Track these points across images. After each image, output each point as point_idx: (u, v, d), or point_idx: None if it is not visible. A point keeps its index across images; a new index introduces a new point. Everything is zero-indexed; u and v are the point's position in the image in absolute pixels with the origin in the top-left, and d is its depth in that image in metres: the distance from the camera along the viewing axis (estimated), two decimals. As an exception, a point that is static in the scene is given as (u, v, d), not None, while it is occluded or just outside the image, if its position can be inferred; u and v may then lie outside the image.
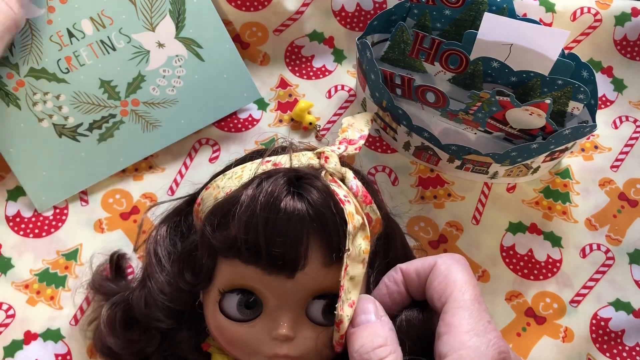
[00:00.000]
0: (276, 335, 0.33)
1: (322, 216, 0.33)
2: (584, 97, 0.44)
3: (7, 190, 0.45)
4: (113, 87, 0.41)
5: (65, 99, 0.40)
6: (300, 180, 0.34)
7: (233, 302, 0.34)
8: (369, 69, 0.44)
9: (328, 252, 0.33)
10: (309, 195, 0.33)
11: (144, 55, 0.41)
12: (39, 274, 0.43)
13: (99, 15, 0.38)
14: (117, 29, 0.39)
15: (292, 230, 0.32)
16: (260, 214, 0.32)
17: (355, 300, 0.33)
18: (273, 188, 0.33)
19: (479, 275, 0.45)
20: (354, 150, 0.39)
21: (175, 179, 0.47)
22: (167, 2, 0.40)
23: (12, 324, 0.41)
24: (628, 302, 0.45)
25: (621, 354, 0.43)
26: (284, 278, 0.33)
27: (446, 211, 0.47)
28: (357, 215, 0.33)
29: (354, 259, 0.33)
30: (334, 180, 0.35)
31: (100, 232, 0.44)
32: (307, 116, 0.49)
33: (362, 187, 0.36)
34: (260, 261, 0.33)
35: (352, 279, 0.33)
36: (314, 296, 0.34)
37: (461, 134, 0.48)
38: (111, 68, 0.40)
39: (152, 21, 0.40)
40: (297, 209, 0.32)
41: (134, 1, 0.38)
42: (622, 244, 0.47)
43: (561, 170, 0.49)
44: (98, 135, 0.42)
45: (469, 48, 0.45)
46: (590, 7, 0.52)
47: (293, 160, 0.36)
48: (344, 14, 0.52)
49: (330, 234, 0.33)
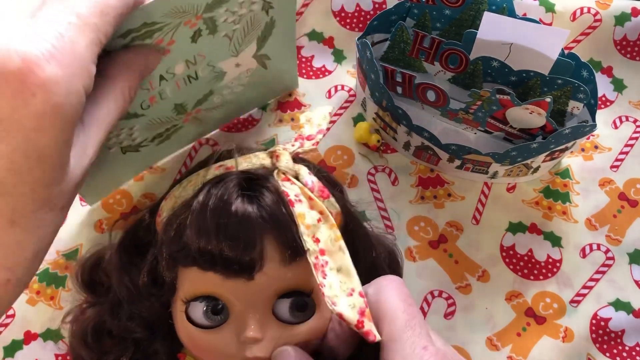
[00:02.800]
0: (244, 338, 0.33)
1: (274, 216, 0.33)
2: (583, 97, 0.44)
3: (7, 190, 0.45)
4: (184, 106, 0.41)
5: (139, 127, 0.39)
6: (251, 182, 0.34)
7: (199, 310, 0.33)
8: (369, 69, 0.44)
9: (284, 251, 0.33)
10: (260, 197, 0.33)
11: (221, 76, 0.40)
12: (39, 274, 0.43)
13: (195, 57, 0.37)
14: (206, 63, 0.38)
15: (244, 233, 0.32)
16: (211, 219, 0.32)
17: (356, 287, 0.32)
18: (223, 192, 0.33)
19: (479, 275, 0.45)
20: (311, 145, 0.38)
21: (175, 179, 0.47)
22: (259, 31, 0.39)
23: (12, 324, 0.41)
24: (628, 302, 0.45)
25: (621, 354, 0.43)
26: (244, 281, 0.33)
27: (446, 211, 0.47)
28: (313, 211, 0.33)
29: (330, 250, 0.33)
30: (287, 179, 0.35)
31: (100, 232, 0.44)
32: (372, 136, 0.48)
33: (317, 182, 0.36)
34: (217, 267, 0.33)
35: (340, 269, 0.32)
36: (278, 295, 0.33)
37: (461, 134, 0.48)
38: (188, 93, 0.40)
39: (239, 49, 0.39)
40: (247, 211, 0.32)
41: (230, 35, 0.37)
42: (622, 244, 0.47)
43: (561, 170, 0.49)
44: (157, 142, 0.43)
45: (469, 48, 0.45)
46: (590, 7, 0.52)
47: (245, 162, 0.36)
48: (344, 14, 0.52)
49: (285, 233, 0.33)
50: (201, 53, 0.37)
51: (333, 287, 0.32)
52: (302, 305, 0.34)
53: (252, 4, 0.36)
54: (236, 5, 0.35)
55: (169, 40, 0.33)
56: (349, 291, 0.32)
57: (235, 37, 0.38)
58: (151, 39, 0.32)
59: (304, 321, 0.34)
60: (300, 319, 0.34)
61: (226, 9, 0.34)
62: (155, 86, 0.36)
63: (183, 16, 0.32)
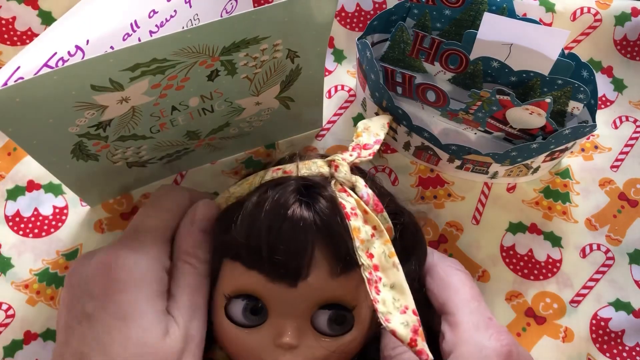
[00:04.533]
0: (280, 343, 0.33)
1: (329, 226, 0.33)
2: (584, 97, 0.44)
3: (6, 190, 0.45)
4: (197, 133, 0.40)
5: (147, 147, 0.39)
6: (309, 190, 0.34)
7: (239, 308, 0.34)
8: (369, 69, 0.44)
9: (335, 263, 0.33)
10: (317, 205, 0.33)
11: (238, 112, 0.40)
12: (38, 274, 0.43)
13: (211, 93, 0.36)
14: (223, 99, 0.37)
15: (297, 238, 0.32)
16: (265, 218, 0.32)
17: (410, 305, 0.32)
18: (280, 195, 0.33)
19: (479, 275, 0.45)
20: (368, 156, 0.38)
21: (175, 179, 0.47)
22: (284, 76, 0.38)
23: (12, 324, 0.41)
24: (628, 302, 0.45)
25: (621, 354, 0.43)
26: (286, 286, 0.33)
27: (446, 211, 0.47)
28: (366, 225, 0.33)
29: (383, 266, 0.32)
30: (344, 190, 0.34)
31: (100, 232, 0.44)
32: None
33: (373, 196, 0.35)
34: (262, 267, 0.33)
35: (394, 287, 0.32)
36: (320, 306, 0.33)
37: (461, 134, 0.48)
38: (202, 123, 0.39)
39: (260, 90, 0.38)
40: (303, 217, 0.32)
41: (251, 78, 0.36)
42: (622, 244, 0.47)
43: (561, 170, 0.49)
44: (166, 161, 0.43)
45: (469, 48, 0.45)
46: (590, 7, 0.52)
47: (303, 168, 0.36)
48: (344, 14, 0.52)
49: (338, 245, 0.33)
50: (218, 90, 0.36)
51: (386, 304, 0.31)
52: (341, 319, 0.34)
53: (276, 52, 0.35)
54: (257, 52, 0.34)
55: (183, 77, 0.33)
56: (402, 308, 0.32)
57: (256, 80, 0.37)
58: (163, 74, 0.32)
59: (340, 335, 0.34)
60: (337, 332, 0.34)
61: (246, 53, 0.33)
62: (166, 115, 0.36)
63: (198, 57, 0.32)
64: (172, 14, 0.36)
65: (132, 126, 0.35)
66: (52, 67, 0.31)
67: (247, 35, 0.32)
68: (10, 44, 0.47)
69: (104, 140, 0.36)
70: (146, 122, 0.36)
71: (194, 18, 0.38)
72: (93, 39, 0.33)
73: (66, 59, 0.32)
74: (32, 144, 0.33)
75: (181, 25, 0.37)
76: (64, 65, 0.31)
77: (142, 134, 0.37)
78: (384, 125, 0.41)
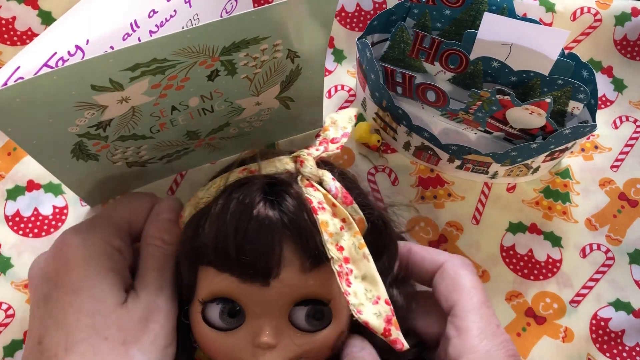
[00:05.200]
0: (258, 343, 0.33)
1: (296, 223, 0.32)
2: (584, 97, 0.44)
3: (6, 190, 0.45)
4: (197, 133, 0.40)
5: (147, 147, 0.39)
6: (274, 188, 0.34)
7: (215, 312, 0.34)
8: (369, 69, 0.44)
9: (305, 258, 0.33)
10: (283, 202, 0.33)
11: (238, 112, 0.40)
12: (38, 273, 0.43)
13: (211, 93, 0.36)
14: (223, 99, 0.37)
15: (264, 238, 0.32)
16: (230, 221, 0.32)
17: (382, 295, 0.32)
18: (245, 195, 0.33)
19: (479, 275, 0.45)
20: (336, 149, 0.38)
21: (175, 179, 0.47)
22: (284, 76, 0.38)
23: (11, 323, 0.41)
24: (628, 302, 0.45)
25: (621, 354, 0.43)
26: (259, 286, 0.33)
27: (446, 211, 0.47)
28: (335, 218, 0.33)
29: (354, 258, 0.33)
30: (311, 184, 0.34)
31: (100, 232, 0.44)
32: (372, 136, 0.48)
33: (341, 188, 0.35)
34: (232, 269, 0.33)
35: (365, 278, 0.32)
36: (296, 302, 0.33)
37: (461, 134, 0.48)
38: (202, 123, 0.39)
39: (260, 90, 0.38)
40: (268, 216, 0.32)
41: (250, 78, 0.36)
42: (622, 244, 0.47)
43: (561, 170, 0.49)
44: (166, 160, 0.43)
45: (469, 48, 0.45)
46: (590, 7, 0.52)
47: (268, 166, 0.36)
48: (344, 14, 0.52)
49: (306, 241, 0.32)
50: (218, 90, 0.36)
51: (358, 295, 0.32)
52: (319, 313, 0.34)
53: (276, 52, 0.35)
54: (257, 52, 0.34)
55: (183, 77, 0.33)
56: (374, 299, 0.32)
57: (256, 80, 0.37)
58: (163, 74, 0.32)
59: (320, 330, 0.34)
60: (317, 328, 0.34)
61: (246, 53, 0.33)
62: (166, 115, 0.36)
63: (197, 57, 0.32)
64: (172, 14, 0.36)
65: (132, 126, 0.35)
66: (52, 67, 0.31)
67: (247, 35, 0.32)
68: (10, 44, 0.47)
69: (104, 140, 0.36)
70: (146, 122, 0.36)
71: (194, 18, 0.38)
72: (93, 39, 0.33)
73: (66, 59, 0.32)
74: (32, 144, 0.33)
75: (181, 25, 0.37)
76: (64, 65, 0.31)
77: (142, 134, 0.37)
78: (351, 118, 0.40)
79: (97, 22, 0.33)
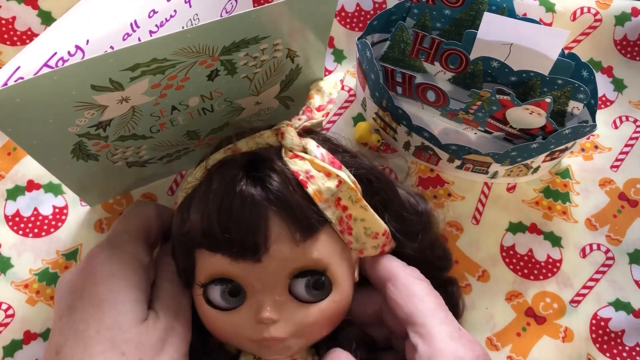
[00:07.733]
0: (259, 318, 0.33)
1: (281, 197, 0.32)
2: (584, 97, 0.44)
3: (6, 190, 0.45)
4: (197, 133, 0.40)
5: (147, 147, 0.39)
6: (256, 164, 0.34)
7: (216, 292, 0.34)
8: (369, 69, 0.44)
9: (294, 231, 0.33)
10: (266, 178, 0.33)
11: (238, 112, 0.40)
12: (38, 273, 0.43)
13: (211, 93, 0.36)
14: (223, 99, 0.37)
15: (248, 215, 0.32)
16: (213, 200, 0.33)
17: (380, 230, 0.35)
18: (226, 174, 0.33)
19: (479, 275, 0.45)
20: (321, 116, 0.38)
21: (175, 179, 0.47)
22: (283, 75, 0.38)
23: (11, 323, 0.41)
24: (628, 302, 0.45)
25: (621, 354, 0.43)
26: (251, 263, 0.33)
27: (446, 211, 0.47)
28: (330, 179, 0.34)
29: (352, 207, 0.34)
30: (296, 155, 0.34)
31: (100, 232, 0.44)
32: (372, 136, 0.48)
33: (327, 154, 0.35)
34: (222, 249, 0.33)
35: (364, 219, 0.35)
36: (293, 275, 0.33)
37: (461, 134, 0.48)
38: (202, 123, 0.39)
39: (260, 89, 0.38)
40: (250, 193, 0.32)
41: (250, 77, 0.36)
42: (622, 244, 0.47)
43: (561, 170, 0.49)
44: (166, 160, 0.43)
45: (469, 48, 0.45)
46: (590, 7, 0.52)
47: (250, 143, 0.36)
48: (344, 14, 0.52)
49: (293, 213, 0.33)
50: (218, 90, 0.36)
51: (359, 238, 0.35)
52: (318, 283, 0.34)
53: (275, 52, 0.35)
54: (257, 52, 0.34)
55: (183, 77, 0.33)
56: (373, 235, 0.35)
57: (256, 79, 0.37)
58: (163, 74, 0.32)
59: (322, 299, 0.34)
60: (318, 297, 0.34)
61: (246, 53, 0.33)
62: (166, 114, 0.36)
63: (197, 56, 0.32)
64: (172, 14, 0.36)
65: (132, 126, 0.35)
66: (52, 67, 0.31)
67: (247, 35, 0.32)
68: (10, 44, 0.47)
69: (104, 140, 0.36)
70: (146, 122, 0.36)
71: (194, 18, 0.38)
72: (93, 39, 0.33)
73: (66, 59, 0.32)
74: (32, 144, 0.33)
75: (181, 25, 0.37)
76: (64, 65, 0.31)
77: (142, 134, 0.37)
78: (336, 84, 0.40)
79: (97, 22, 0.33)
